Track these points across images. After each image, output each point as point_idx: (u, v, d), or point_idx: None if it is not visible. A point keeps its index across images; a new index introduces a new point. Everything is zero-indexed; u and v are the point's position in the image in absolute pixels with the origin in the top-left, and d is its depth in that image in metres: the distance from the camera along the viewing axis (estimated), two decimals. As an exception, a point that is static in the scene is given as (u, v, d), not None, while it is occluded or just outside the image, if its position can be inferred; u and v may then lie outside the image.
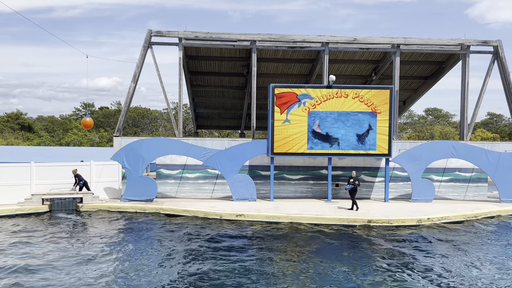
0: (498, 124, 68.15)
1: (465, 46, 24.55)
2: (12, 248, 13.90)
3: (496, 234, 16.75)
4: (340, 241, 15.33)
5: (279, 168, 23.39)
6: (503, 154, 22.63)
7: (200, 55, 27.76)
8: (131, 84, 23.54)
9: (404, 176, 23.34)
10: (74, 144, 65.48)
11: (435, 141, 23.41)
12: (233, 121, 37.84)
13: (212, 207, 19.97)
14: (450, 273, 11.92)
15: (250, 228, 17.12)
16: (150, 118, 72.98)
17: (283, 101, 21.75)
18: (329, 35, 24.13)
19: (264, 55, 27.19)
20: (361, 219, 18.04)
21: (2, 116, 77.65)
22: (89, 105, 78.92)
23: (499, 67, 24.54)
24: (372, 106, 21.89)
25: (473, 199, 23.68)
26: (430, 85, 31.00)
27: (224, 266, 12.17)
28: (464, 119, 24.88)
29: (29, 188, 20.75)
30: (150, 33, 23.50)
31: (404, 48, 24.58)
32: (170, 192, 23.12)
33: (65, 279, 11.04)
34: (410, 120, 76.38)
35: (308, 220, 18.14)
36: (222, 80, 31.16)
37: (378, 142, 21.98)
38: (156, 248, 14.16)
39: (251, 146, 22.39)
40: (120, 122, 23.47)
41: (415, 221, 18.16)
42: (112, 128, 69.86)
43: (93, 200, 20.82)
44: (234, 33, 23.91)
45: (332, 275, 11.63)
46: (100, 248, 13.95)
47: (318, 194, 23.58)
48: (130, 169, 21.48)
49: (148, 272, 11.63)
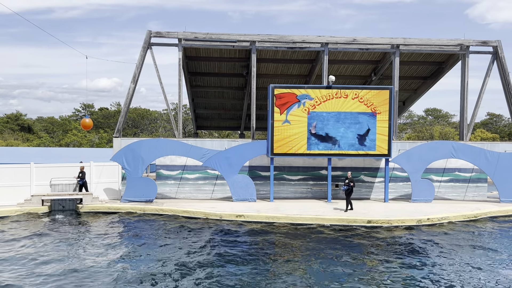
0: (498, 124, 68.17)
1: (464, 47, 24.57)
2: (12, 249, 13.89)
3: (496, 234, 16.74)
4: (340, 241, 15.32)
5: (279, 168, 23.39)
6: (502, 154, 22.63)
7: (200, 56, 27.77)
8: (131, 85, 23.54)
9: (404, 176, 23.34)
10: (73, 145, 65.45)
11: (434, 142, 23.42)
12: (232, 121, 37.85)
13: (212, 208, 19.97)
14: (449, 273, 11.92)
15: (250, 229, 17.11)
16: (150, 119, 72.95)
17: (282, 102, 21.76)
18: (328, 36, 24.14)
19: (263, 55, 27.20)
20: (361, 219, 18.03)
21: (2, 117, 77.60)
22: (89, 106, 78.90)
23: (499, 67, 24.55)
24: (371, 107, 21.90)
25: (473, 199, 23.68)
26: (430, 86, 31.01)
27: (224, 267, 12.17)
28: (463, 119, 24.89)
29: (29, 189, 20.74)
30: (150, 34, 23.50)
31: (404, 48, 24.59)
32: (170, 193, 23.12)
33: (64, 280, 11.03)
34: (409, 121, 76.36)
35: (308, 221, 18.13)
36: (221, 80, 31.16)
37: (378, 143, 21.98)
38: (156, 249, 14.15)
39: (251, 147, 22.38)
40: (119, 123, 23.47)
41: (415, 221, 18.16)
42: (111, 129, 69.86)
43: (93, 201, 20.81)
44: (233, 33, 23.92)
45: (331, 275, 11.62)
46: (99, 249, 13.94)
47: (318, 194, 23.58)
48: (130, 170, 21.47)
49: (147, 273, 11.63)
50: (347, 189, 19.58)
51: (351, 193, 19.71)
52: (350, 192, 19.61)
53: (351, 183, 19.59)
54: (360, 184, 23.54)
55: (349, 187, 19.55)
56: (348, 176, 19.94)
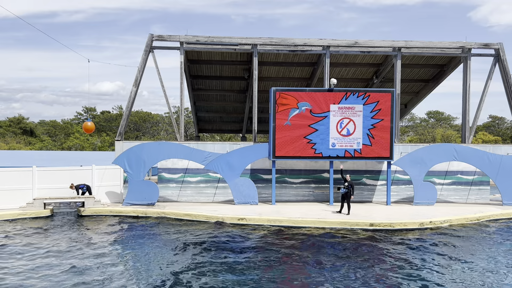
0: (500, 127, 68.07)
1: (466, 49, 24.55)
2: (12, 251, 13.90)
3: (499, 237, 16.68)
4: (342, 245, 15.29)
5: (281, 171, 23.36)
6: (505, 157, 22.57)
7: (202, 59, 27.83)
8: (133, 88, 23.58)
9: (406, 179, 23.30)
10: (76, 148, 65.55)
11: (436, 144, 23.37)
12: (234, 124, 37.86)
13: (213, 211, 19.95)
14: (452, 277, 11.87)
15: (252, 232, 17.09)
16: (152, 122, 73.03)
17: (284, 105, 21.74)
18: (330, 39, 24.15)
19: (265, 58, 27.23)
20: (363, 222, 17.99)
21: (4, 121, 77.81)
22: (91, 109, 79.07)
23: (501, 70, 24.52)
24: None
25: (475, 202, 23.61)
26: (432, 88, 30.99)
27: (226, 271, 12.15)
28: (465, 122, 24.85)
29: (31, 193, 20.77)
30: (152, 37, 23.56)
31: (405, 51, 24.59)
32: (171, 196, 23.11)
33: (64, 281, 11.03)
34: (411, 123, 76.29)
35: (310, 224, 18.10)
36: (223, 84, 31.20)
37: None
38: (158, 252, 14.14)
39: (252, 150, 22.38)
40: (121, 126, 23.50)
41: (417, 224, 18.11)
42: (113, 132, 69.98)
43: (95, 205, 20.81)
44: (235, 37, 23.95)
45: (333, 279, 11.59)
46: (101, 253, 13.93)
47: (319, 197, 23.54)
48: (132, 173, 21.48)
49: (149, 276, 11.62)
50: (346, 192, 19.50)
51: (350, 197, 19.59)
52: (348, 195, 19.49)
53: (350, 186, 19.53)
54: (362, 187, 23.50)
55: (348, 190, 19.49)
56: (347, 179, 19.86)
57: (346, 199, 19.56)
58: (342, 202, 19.81)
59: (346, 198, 19.55)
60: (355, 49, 24.63)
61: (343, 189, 19.60)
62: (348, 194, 19.45)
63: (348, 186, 19.51)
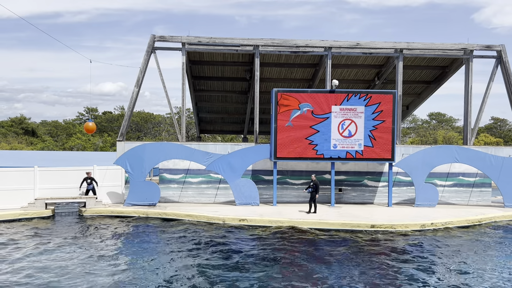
0: (502, 129, 67.93)
1: (468, 51, 24.52)
2: (12, 251, 13.91)
3: (501, 239, 16.65)
4: (343, 246, 15.28)
5: (282, 172, 23.36)
6: (507, 159, 22.53)
7: (203, 60, 27.85)
8: (135, 88, 23.61)
9: (407, 180, 23.27)
10: (77, 148, 65.63)
11: (438, 146, 23.35)
12: (236, 125, 37.89)
13: (215, 212, 19.96)
14: (453, 279, 11.85)
15: (253, 233, 17.09)
16: (153, 122, 73.09)
17: (285, 107, 21.74)
18: (332, 40, 24.16)
19: (267, 59, 27.24)
20: (364, 224, 17.98)
21: (6, 121, 77.97)
22: (93, 109, 79.17)
23: (503, 71, 24.49)
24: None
25: (477, 204, 23.57)
26: (433, 90, 30.96)
27: (226, 271, 12.14)
28: (467, 123, 24.81)
29: (33, 193, 20.80)
30: (154, 38, 23.59)
31: (407, 52, 24.58)
32: (173, 197, 23.12)
33: (64, 282, 11.04)
34: (413, 125, 76.22)
35: (311, 225, 18.08)
36: (225, 84, 31.22)
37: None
38: (158, 252, 14.14)
39: (254, 151, 22.38)
40: (123, 126, 23.52)
41: (419, 226, 18.08)
42: (115, 133, 70.05)
43: (96, 205, 20.84)
44: (237, 38, 23.97)
45: (334, 280, 11.58)
46: (102, 253, 13.94)
47: (321, 198, 23.49)
48: (133, 174, 21.50)
49: (148, 276, 11.62)
50: (311, 192, 20.00)
51: (315, 196, 20.00)
52: (313, 195, 19.98)
53: (315, 186, 19.98)
54: (363, 189, 23.49)
55: (313, 189, 19.97)
56: (312, 179, 20.31)
57: (312, 199, 20.10)
58: (309, 202, 20.29)
59: (311, 198, 20.09)
60: (357, 50, 24.63)
61: (309, 188, 20.15)
62: (313, 194, 19.99)
63: (313, 185, 20.02)
